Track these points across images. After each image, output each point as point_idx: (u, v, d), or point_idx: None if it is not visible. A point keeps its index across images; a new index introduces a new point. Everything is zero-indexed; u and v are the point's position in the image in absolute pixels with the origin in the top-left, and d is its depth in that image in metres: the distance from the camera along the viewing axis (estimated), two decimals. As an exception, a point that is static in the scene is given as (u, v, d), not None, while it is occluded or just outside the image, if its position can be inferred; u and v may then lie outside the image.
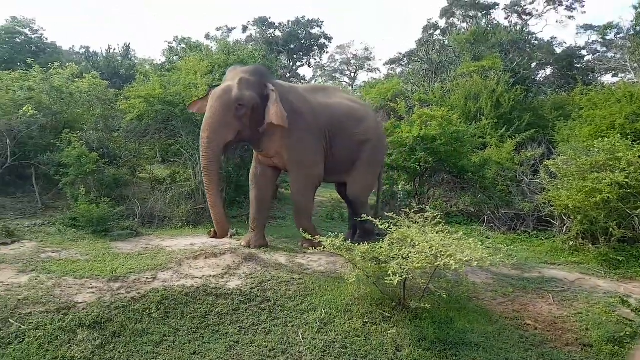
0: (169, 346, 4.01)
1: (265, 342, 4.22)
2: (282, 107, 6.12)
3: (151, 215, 7.95)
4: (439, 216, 5.09)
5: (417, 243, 4.35)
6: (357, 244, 6.27)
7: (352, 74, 46.12)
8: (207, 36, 32.69)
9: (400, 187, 9.66)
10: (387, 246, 4.51)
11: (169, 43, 15.31)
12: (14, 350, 3.66)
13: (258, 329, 4.42)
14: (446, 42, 19.33)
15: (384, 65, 41.40)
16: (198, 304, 4.65)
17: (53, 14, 63.93)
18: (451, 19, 30.95)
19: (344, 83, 44.76)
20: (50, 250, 5.98)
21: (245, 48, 12.08)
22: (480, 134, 11.46)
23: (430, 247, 4.20)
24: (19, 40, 18.47)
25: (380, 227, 4.92)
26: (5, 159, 8.61)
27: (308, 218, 6.87)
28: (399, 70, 33.22)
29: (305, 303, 4.91)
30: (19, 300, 4.28)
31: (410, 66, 22.17)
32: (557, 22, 32.15)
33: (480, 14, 29.11)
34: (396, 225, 4.87)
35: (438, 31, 30.95)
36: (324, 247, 4.74)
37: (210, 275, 5.33)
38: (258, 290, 5.06)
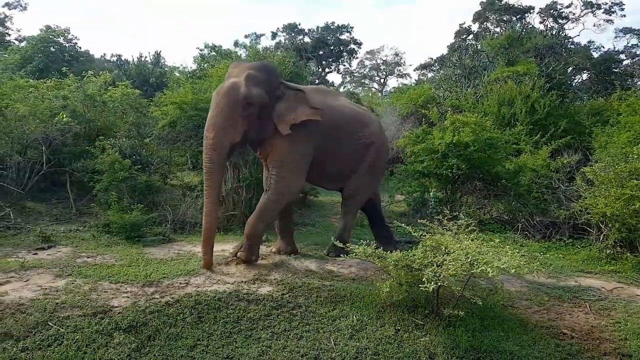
0: (202, 350, 4.03)
1: (297, 347, 4.20)
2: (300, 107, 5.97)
3: (182, 222, 8.06)
4: (473, 224, 4.99)
5: (451, 250, 4.27)
6: (331, 254, 6.57)
7: (382, 80, 46.07)
8: (236, 43, 33.22)
9: (431, 194, 9.54)
10: (421, 253, 4.45)
11: (200, 50, 15.65)
12: (53, 352, 3.74)
13: (290, 334, 4.40)
14: (479, 47, 19.06)
15: (414, 70, 41.23)
16: (230, 309, 4.68)
17: (56, 15, 65.92)
18: (484, 23, 30.54)
19: (374, 89, 44.70)
20: (85, 255, 6.13)
21: (275, 55, 12.18)
22: (514, 140, 11.24)
23: (465, 255, 4.12)
24: (53, 50, 19.03)
25: (413, 234, 4.85)
26: (41, 165, 8.88)
27: (264, 226, 6.15)
28: (430, 75, 32.95)
29: (337, 309, 4.88)
30: (57, 303, 4.39)
31: (442, 71, 21.92)
32: (594, 25, 31.20)
33: (514, 18, 28.66)
34: (429, 233, 4.80)
35: (471, 36, 30.62)
36: (356, 254, 4.71)
37: (242, 281, 5.37)
38: (289, 296, 5.06)
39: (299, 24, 36.10)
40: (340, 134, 6.50)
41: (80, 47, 20.48)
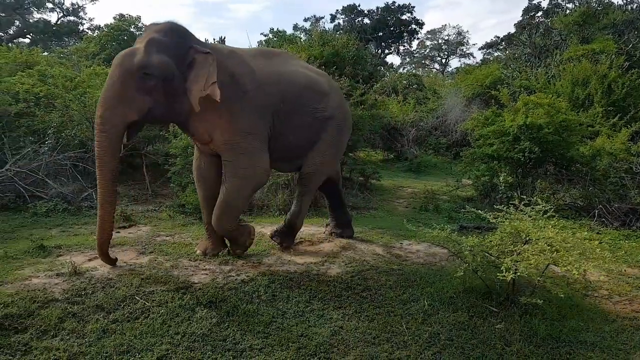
0: (277, 327, 4.17)
1: (368, 329, 4.25)
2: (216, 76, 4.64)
3: (250, 204, 8.25)
4: (552, 210, 4.80)
5: (532, 238, 4.15)
6: (276, 239, 6.01)
7: (443, 60, 44.91)
8: (295, 27, 33.34)
9: (502, 178, 9.25)
10: (499, 240, 4.35)
11: (264, 35, 15.87)
12: (140, 325, 3.98)
13: (361, 316, 4.46)
14: (550, 24, 18.12)
15: (479, 50, 39.91)
16: (302, 289, 4.80)
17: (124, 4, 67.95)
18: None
19: (434, 70, 43.67)
20: (164, 234, 6.45)
21: (339, 38, 12.12)
22: (590, 122, 10.67)
23: (550, 248, 3.98)
24: (125, 38, 19.85)
25: (492, 220, 4.73)
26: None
27: (234, 219, 5.30)
28: (496, 55, 31.73)
29: (407, 294, 4.89)
30: (142, 279, 4.66)
31: (509, 50, 21.03)
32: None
33: (589, -7, 26.93)
34: (507, 219, 4.67)
35: (540, 13, 29.17)
36: (427, 239, 4.66)
37: (311, 262, 5.48)
38: (358, 278, 5.13)
39: (359, 5, 35.65)
40: (291, 107, 5.43)
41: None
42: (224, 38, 17.59)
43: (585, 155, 9.12)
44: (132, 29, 19.99)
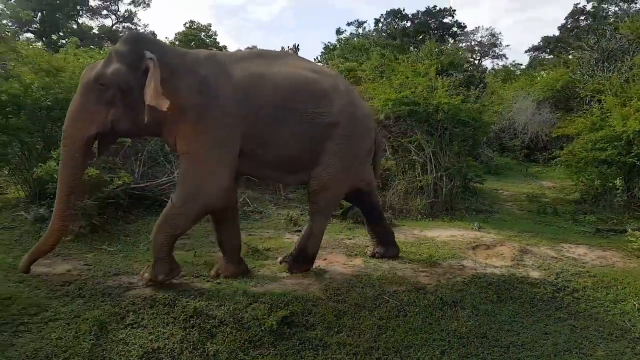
0: (521, 326, 4.57)
1: (599, 326, 4.64)
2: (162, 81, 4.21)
3: (391, 207, 8.60)
4: None
5: None
6: (285, 264, 5.30)
7: (476, 62, 44.99)
8: (338, 31, 33.78)
9: (617, 182, 9.58)
10: None
11: (329, 43, 16.25)
12: (404, 322, 4.37)
13: (584, 315, 4.85)
14: (614, 28, 18.28)
15: (525, 52, 40.01)
16: (518, 290, 5.18)
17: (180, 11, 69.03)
18: (602, 3, 29.02)
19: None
20: (340, 237, 6.81)
21: (454, 49, 12.35)
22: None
23: None
24: (193, 45, 20.35)
25: None
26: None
27: (170, 235, 4.57)
28: (548, 57, 31.84)
29: (611, 294, 5.26)
30: (377, 279, 5.06)
31: (574, 54, 21.02)
32: None
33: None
34: None
35: (582, 17, 29.31)
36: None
37: (508, 265, 5.86)
38: (561, 280, 5.50)
39: (403, 10, 35.97)
40: (278, 112, 4.76)
41: (218, 42, 21.70)
42: (298, 45, 17.99)
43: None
44: (202, 36, 20.45)
